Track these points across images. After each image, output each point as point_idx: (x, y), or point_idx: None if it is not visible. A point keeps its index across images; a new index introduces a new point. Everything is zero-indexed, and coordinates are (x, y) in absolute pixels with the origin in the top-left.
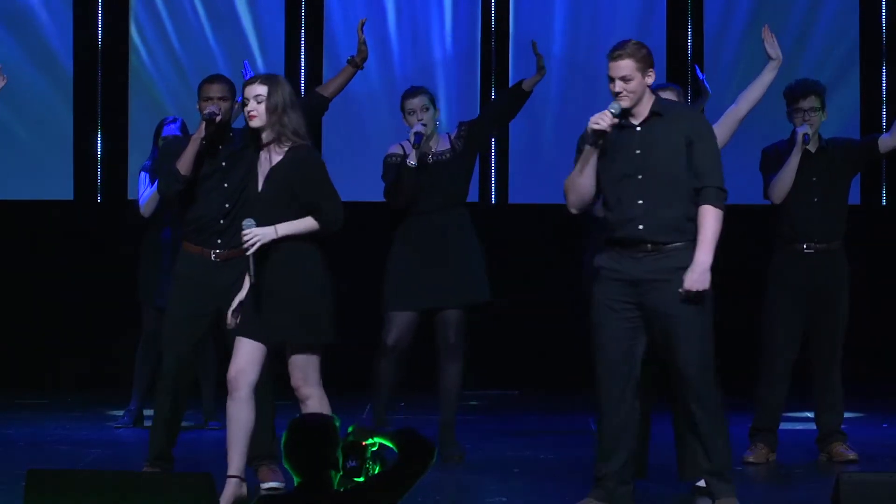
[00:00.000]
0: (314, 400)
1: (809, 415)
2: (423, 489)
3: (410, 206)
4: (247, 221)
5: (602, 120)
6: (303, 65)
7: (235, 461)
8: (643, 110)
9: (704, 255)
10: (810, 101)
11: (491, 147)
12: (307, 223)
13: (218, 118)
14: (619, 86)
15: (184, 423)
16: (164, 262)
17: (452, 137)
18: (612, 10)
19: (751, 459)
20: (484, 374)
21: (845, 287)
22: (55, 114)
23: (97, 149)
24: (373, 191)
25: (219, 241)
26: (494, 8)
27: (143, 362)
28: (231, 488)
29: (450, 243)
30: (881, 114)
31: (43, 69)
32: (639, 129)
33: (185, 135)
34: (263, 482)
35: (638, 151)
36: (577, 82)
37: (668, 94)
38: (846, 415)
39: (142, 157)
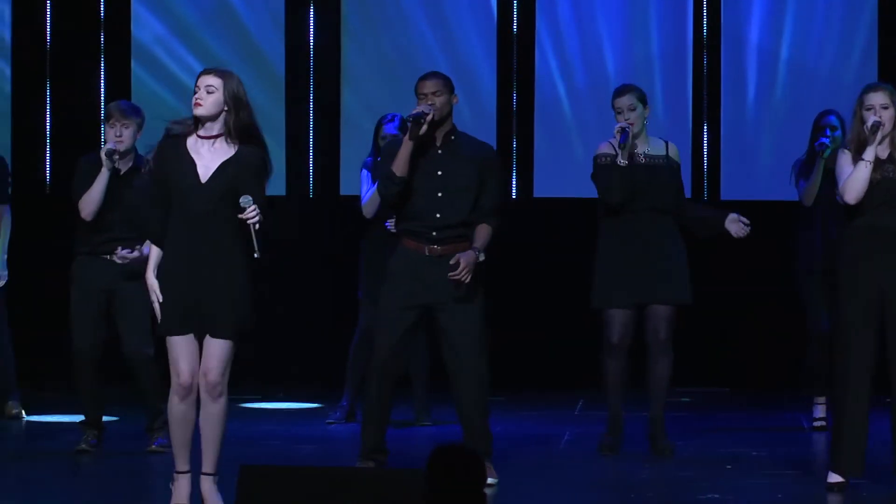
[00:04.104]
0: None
1: None
2: (635, 485)
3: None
4: (245, 198)
5: None
6: (514, 64)
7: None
8: None
9: None
10: None
11: (703, 146)
12: None
13: (428, 117)
14: None
15: (396, 419)
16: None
17: (671, 153)
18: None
19: None
20: (695, 371)
21: None
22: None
23: (309, 145)
24: (581, 187)
25: (434, 237)
26: (707, 4)
27: (357, 359)
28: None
29: (657, 242)
30: None
31: (256, 70)
32: None
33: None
34: None
35: None
36: (788, 80)
37: None
38: None
39: (356, 155)
